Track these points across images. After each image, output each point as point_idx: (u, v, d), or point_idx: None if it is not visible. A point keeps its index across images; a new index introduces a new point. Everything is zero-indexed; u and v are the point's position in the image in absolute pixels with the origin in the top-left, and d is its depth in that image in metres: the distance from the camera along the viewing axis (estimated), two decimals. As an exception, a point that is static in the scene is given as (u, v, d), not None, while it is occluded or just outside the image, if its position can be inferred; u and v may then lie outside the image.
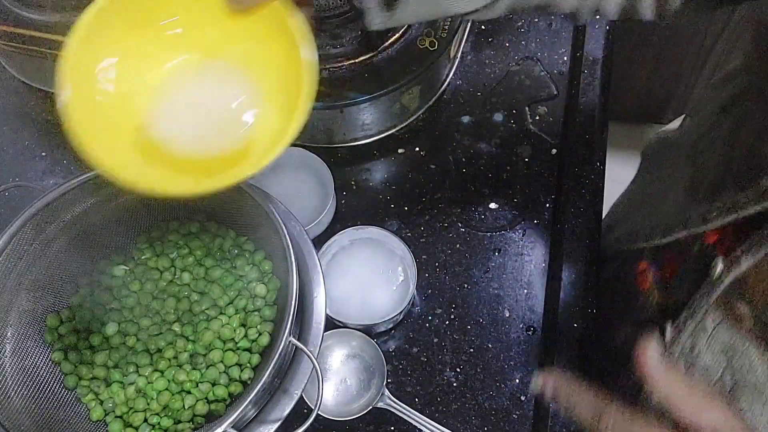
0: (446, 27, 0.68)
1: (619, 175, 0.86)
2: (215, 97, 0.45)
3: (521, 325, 0.67)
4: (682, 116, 0.68)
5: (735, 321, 0.44)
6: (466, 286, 0.69)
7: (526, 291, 0.68)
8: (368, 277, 0.65)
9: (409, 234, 0.71)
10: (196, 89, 0.45)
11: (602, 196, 0.71)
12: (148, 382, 0.55)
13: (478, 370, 0.65)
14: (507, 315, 0.67)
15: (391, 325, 0.66)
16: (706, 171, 0.50)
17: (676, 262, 0.53)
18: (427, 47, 0.67)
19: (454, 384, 0.64)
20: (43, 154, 0.78)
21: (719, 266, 0.43)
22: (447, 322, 0.67)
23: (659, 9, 0.47)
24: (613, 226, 0.70)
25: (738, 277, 0.42)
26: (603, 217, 0.70)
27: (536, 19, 0.82)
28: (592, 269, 0.68)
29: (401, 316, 0.64)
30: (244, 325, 0.56)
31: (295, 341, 0.49)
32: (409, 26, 0.69)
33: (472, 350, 0.66)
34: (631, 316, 0.60)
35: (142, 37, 0.43)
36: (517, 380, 0.64)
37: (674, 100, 1.58)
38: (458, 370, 0.65)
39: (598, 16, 0.48)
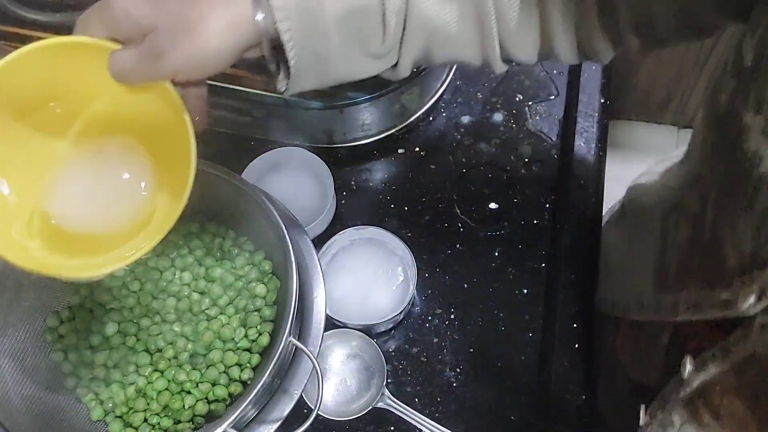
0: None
1: (619, 175, 0.86)
2: (109, 172, 0.44)
3: (521, 326, 0.67)
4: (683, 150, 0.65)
5: (699, 426, 0.42)
6: (465, 286, 0.69)
7: (525, 291, 0.68)
8: (368, 277, 0.65)
9: (409, 234, 0.71)
10: (88, 166, 0.44)
11: (602, 196, 0.71)
12: (148, 382, 0.55)
13: (478, 370, 0.65)
14: (507, 315, 0.67)
15: (391, 325, 0.66)
16: (673, 251, 0.48)
17: (648, 343, 0.51)
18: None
19: (454, 384, 0.64)
20: (43, 154, 0.78)
21: (688, 367, 0.41)
22: (447, 322, 0.67)
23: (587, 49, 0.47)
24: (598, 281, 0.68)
25: (705, 383, 0.40)
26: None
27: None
28: (592, 269, 0.68)
29: (401, 316, 0.64)
30: (244, 325, 0.56)
31: (295, 341, 0.49)
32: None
33: (472, 350, 0.66)
34: (610, 381, 0.59)
35: (30, 124, 0.42)
36: (518, 380, 0.64)
37: (674, 100, 1.58)
38: (458, 370, 0.65)
39: (518, 65, 0.48)
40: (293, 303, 0.49)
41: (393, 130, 0.73)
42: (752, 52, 0.35)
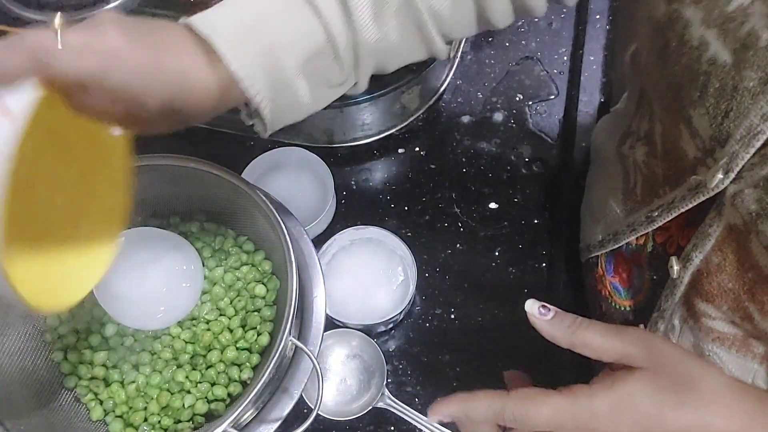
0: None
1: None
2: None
3: (521, 326, 0.67)
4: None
5: (695, 319, 0.45)
6: (465, 286, 0.68)
7: (525, 291, 0.68)
8: (368, 277, 0.65)
9: (409, 234, 0.71)
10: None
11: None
12: (148, 382, 0.55)
13: (478, 370, 0.65)
14: (507, 315, 0.67)
15: (391, 325, 0.66)
16: (635, 173, 0.51)
17: (629, 267, 0.54)
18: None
19: (454, 384, 0.64)
20: (43, 154, 0.78)
21: (675, 267, 0.44)
22: (447, 322, 0.67)
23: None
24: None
25: (693, 274, 0.43)
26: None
27: (536, 19, 0.82)
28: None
29: (401, 316, 0.64)
30: (243, 326, 0.56)
31: (295, 341, 0.49)
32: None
33: (472, 350, 0.66)
34: (605, 321, 0.60)
35: None
36: (517, 380, 0.64)
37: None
38: (458, 370, 0.65)
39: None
40: (293, 303, 0.49)
41: (393, 130, 0.73)
42: None
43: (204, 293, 0.58)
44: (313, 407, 0.47)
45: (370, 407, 0.60)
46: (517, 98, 0.78)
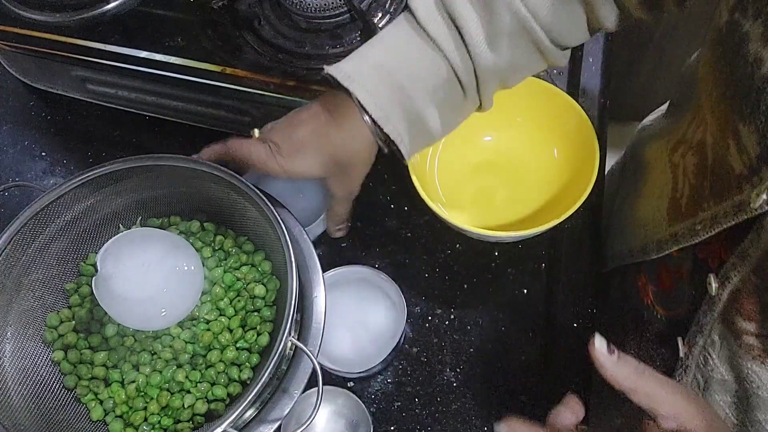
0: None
1: (619, 175, 0.86)
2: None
3: (521, 326, 0.67)
4: (667, 103, 0.67)
5: (735, 336, 0.45)
6: (465, 286, 0.68)
7: (525, 291, 0.68)
8: (360, 318, 0.64)
9: (409, 234, 0.71)
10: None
11: (602, 195, 0.71)
12: (148, 382, 0.55)
13: (478, 370, 0.65)
14: (507, 315, 0.67)
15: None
16: (685, 180, 0.51)
17: (671, 278, 0.54)
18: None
19: (454, 384, 0.64)
20: (43, 154, 0.78)
21: (713, 284, 0.44)
22: (447, 322, 0.67)
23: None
24: (607, 242, 0.70)
25: (732, 293, 0.43)
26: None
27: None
28: (592, 269, 0.68)
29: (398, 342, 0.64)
30: (243, 326, 0.56)
31: (294, 341, 0.49)
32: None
33: (472, 350, 0.66)
34: (639, 331, 0.60)
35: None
36: (518, 380, 0.64)
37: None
38: (458, 370, 0.65)
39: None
40: (293, 303, 0.49)
41: (393, 130, 0.73)
42: None
43: (204, 293, 0.58)
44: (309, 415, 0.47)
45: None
46: (517, 98, 0.78)
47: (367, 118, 0.50)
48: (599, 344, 0.39)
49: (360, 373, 0.61)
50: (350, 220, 0.61)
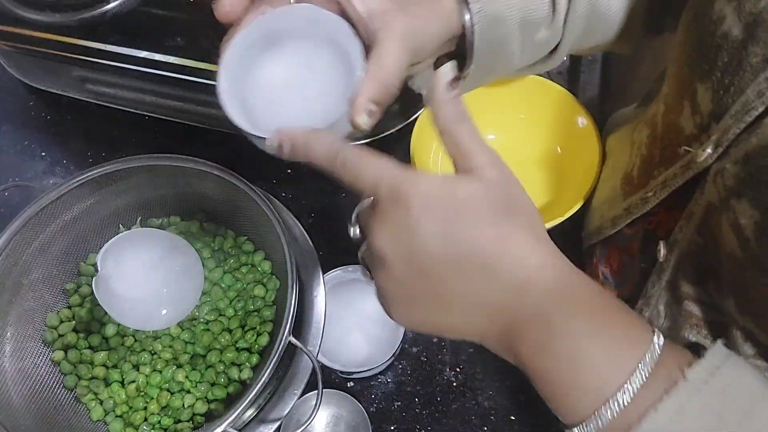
0: (446, 27, 0.68)
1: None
2: None
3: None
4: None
5: (677, 302, 0.44)
6: (466, 285, 0.68)
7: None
8: (362, 319, 0.64)
9: (409, 234, 0.71)
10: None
11: (602, 195, 0.71)
12: (148, 382, 0.55)
13: (478, 370, 0.65)
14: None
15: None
16: (637, 154, 0.51)
17: (620, 256, 0.54)
18: (426, 47, 0.67)
19: (454, 384, 0.64)
20: (43, 154, 0.78)
21: (662, 250, 0.44)
22: (447, 322, 0.67)
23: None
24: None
25: (679, 257, 0.43)
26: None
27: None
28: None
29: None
30: (243, 326, 0.56)
31: (294, 341, 0.49)
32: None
33: (472, 350, 0.65)
34: None
35: None
36: (517, 380, 0.64)
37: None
38: (458, 369, 0.65)
39: None
40: (293, 303, 0.49)
41: (393, 130, 0.73)
42: None
43: (203, 294, 0.58)
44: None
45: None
46: (517, 98, 0.78)
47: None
48: (447, 71, 0.36)
49: (360, 372, 0.61)
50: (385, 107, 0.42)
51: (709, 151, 0.38)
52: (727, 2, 0.37)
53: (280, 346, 0.47)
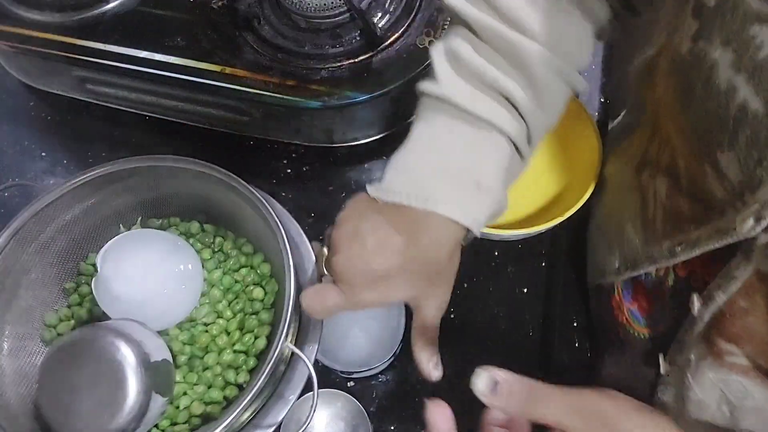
0: (446, 26, 0.68)
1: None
2: None
3: (520, 326, 0.67)
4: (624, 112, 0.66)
5: (716, 356, 0.43)
6: (465, 286, 0.68)
7: (525, 291, 0.68)
8: (359, 317, 0.64)
9: (408, 234, 0.71)
10: None
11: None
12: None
13: (478, 369, 0.65)
14: (506, 315, 0.67)
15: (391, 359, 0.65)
16: (656, 202, 0.49)
17: (650, 295, 0.52)
18: (426, 47, 0.67)
19: (455, 384, 0.64)
20: (43, 154, 0.78)
21: (696, 304, 0.43)
22: (447, 322, 0.67)
23: None
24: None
25: (715, 314, 0.42)
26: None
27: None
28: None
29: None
30: (241, 328, 0.56)
31: (291, 346, 0.49)
32: (409, 26, 0.69)
33: (472, 350, 0.65)
34: (618, 347, 0.59)
35: None
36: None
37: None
38: (458, 369, 0.65)
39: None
40: (290, 307, 0.49)
41: (393, 130, 0.73)
42: None
43: (202, 295, 0.58)
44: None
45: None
46: (518, 98, 0.77)
47: (455, 227, 0.46)
48: (481, 386, 0.40)
49: (360, 372, 0.61)
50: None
51: (751, 223, 0.36)
52: (735, 73, 0.35)
53: (277, 351, 0.47)
